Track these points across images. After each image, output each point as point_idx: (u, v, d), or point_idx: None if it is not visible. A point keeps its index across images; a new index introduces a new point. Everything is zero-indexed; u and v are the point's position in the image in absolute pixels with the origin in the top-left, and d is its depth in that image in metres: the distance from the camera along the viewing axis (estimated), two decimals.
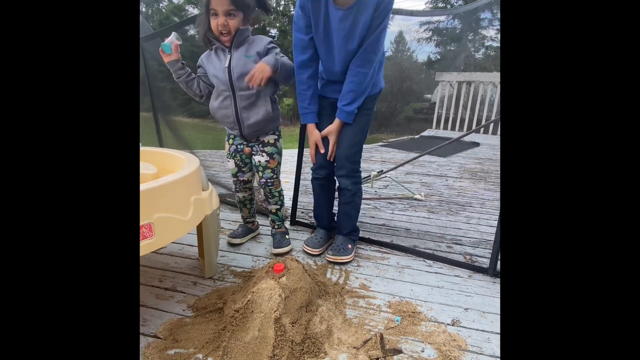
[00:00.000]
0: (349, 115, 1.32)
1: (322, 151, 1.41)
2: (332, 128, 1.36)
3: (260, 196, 2.00)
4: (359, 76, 1.26)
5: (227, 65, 1.29)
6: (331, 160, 1.43)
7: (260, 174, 1.48)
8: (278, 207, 1.56)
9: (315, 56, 1.32)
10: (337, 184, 1.52)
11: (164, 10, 16.73)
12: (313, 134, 1.40)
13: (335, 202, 1.62)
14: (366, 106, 1.36)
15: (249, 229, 1.65)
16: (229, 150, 1.48)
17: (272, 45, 1.33)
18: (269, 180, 1.48)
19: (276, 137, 1.46)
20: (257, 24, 1.34)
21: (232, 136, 1.47)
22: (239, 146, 1.46)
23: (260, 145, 1.44)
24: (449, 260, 1.51)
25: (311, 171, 1.53)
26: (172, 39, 1.28)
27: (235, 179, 1.53)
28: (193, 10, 15.45)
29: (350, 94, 1.29)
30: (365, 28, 1.19)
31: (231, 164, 1.50)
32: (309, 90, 1.35)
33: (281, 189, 1.55)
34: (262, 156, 1.44)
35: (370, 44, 1.22)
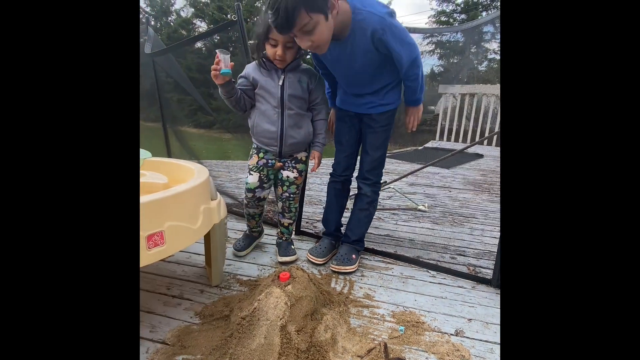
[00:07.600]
0: (417, 100, 1.44)
1: (331, 130, 1.58)
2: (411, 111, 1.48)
3: (271, 208, 2.01)
4: (412, 84, 1.37)
5: (280, 84, 1.36)
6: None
7: (284, 188, 1.50)
8: (292, 221, 1.59)
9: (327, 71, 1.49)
10: (356, 190, 1.57)
11: (172, 23, 17.10)
12: (330, 113, 1.59)
13: (347, 208, 1.66)
14: (386, 122, 1.45)
15: (253, 238, 1.67)
16: (257, 163, 1.46)
17: (319, 81, 1.47)
18: (291, 195, 1.52)
19: (307, 154, 1.51)
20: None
21: (263, 150, 1.46)
22: (269, 160, 1.46)
23: (293, 162, 1.48)
24: (452, 271, 1.52)
25: (329, 175, 1.62)
26: (228, 60, 1.24)
27: (251, 194, 1.49)
28: (200, 24, 15.79)
29: (413, 95, 1.41)
30: (369, 58, 1.26)
31: (253, 178, 1.46)
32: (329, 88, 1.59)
33: (298, 205, 1.57)
34: (292, 172, 1.48)
35: (404, 71, 1.30)
